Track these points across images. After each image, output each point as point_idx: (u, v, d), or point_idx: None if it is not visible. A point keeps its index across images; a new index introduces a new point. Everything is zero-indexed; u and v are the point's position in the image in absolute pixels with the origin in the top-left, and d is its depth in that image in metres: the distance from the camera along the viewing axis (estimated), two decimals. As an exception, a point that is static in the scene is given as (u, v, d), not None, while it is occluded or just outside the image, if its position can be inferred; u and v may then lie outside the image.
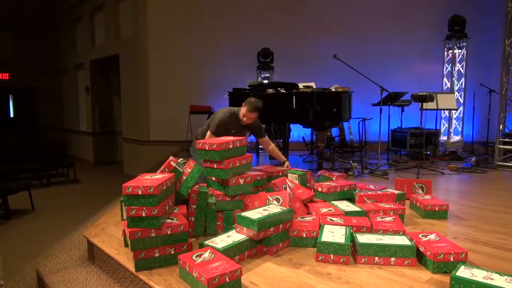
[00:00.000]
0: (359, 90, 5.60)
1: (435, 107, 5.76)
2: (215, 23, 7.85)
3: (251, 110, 3.33)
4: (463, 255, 1.99)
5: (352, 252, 2.18)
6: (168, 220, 2.18)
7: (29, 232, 4.84)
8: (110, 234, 2.71)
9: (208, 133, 3.45)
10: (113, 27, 9.03)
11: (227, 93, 4.95)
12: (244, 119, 3.40)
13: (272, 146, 3.71)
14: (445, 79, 6.82)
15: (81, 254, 2.97)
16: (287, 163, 3.61)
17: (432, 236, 2.19)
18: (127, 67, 8.61)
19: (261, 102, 3.39)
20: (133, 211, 2.04)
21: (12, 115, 12.97)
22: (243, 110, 3.39)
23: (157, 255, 2.09)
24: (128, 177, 2.57)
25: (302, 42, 7.68)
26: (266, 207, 2.39)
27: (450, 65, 6.68)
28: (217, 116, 3.48)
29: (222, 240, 2.14)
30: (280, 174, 3.28)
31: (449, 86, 6.69)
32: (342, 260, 2.11)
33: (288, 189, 2.79)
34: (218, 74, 7.79)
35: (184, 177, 2.62)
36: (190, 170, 2.65)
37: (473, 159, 5.52)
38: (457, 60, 6.66)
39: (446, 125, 6.80)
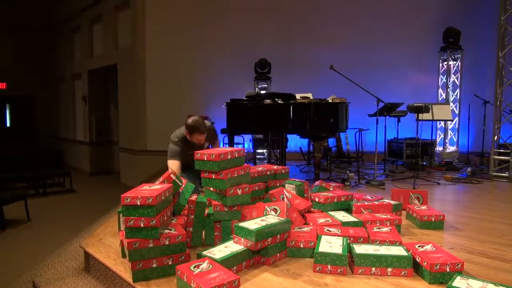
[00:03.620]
0: (355, 100, 5.66)
1: (431, 118, 5.80)
2: (213, 33, 7.94)
3: (193, 133, 3.39)
4: (459, 265, 2.00)
5: (349, 262, 2.19)
6: (166, 231, 2.18)
7: (25, 242, 4.80)
8: (107, 244, 2.70)
9: (169, 161, 3.49)
10: (111, 37, 9.08)
11: (225, 103, 4.99)
12: (198, 141, 3.46)
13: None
14: (440, 90, 6.89)
15: (77, 264, 2.96)
16: None
17: (428, 247, 2.20)
18: (125, 77, 8.64)
19: (196, 119, 3.39)
20: (131, 222, 2.05)
21: (8, 124, 12.93)
22: (189, 137, 3.45)
23: (154, 265, 2.09)
24: (125, 187, 2.58)
25: (299, 53, 7.76)
26: (263, 218, 2.40)
27: (445, 76, 6.76)
28: (170, 146, 3.55)
29: (220, 251, 2.14)
30: (278, 185, 3.29)
31: (444, 97, 6.76)
32: (339, 270, 2.12)
33: (285, 199, 2.81)
34: (216, 85, 7.85)
35: (181, 190, 2.64)
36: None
37: (469, 169, 5.56)
38: (452, 71, 6.74)
39: (442, 135, 6.85)
